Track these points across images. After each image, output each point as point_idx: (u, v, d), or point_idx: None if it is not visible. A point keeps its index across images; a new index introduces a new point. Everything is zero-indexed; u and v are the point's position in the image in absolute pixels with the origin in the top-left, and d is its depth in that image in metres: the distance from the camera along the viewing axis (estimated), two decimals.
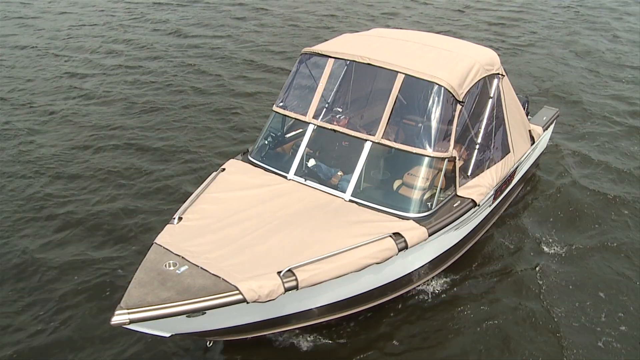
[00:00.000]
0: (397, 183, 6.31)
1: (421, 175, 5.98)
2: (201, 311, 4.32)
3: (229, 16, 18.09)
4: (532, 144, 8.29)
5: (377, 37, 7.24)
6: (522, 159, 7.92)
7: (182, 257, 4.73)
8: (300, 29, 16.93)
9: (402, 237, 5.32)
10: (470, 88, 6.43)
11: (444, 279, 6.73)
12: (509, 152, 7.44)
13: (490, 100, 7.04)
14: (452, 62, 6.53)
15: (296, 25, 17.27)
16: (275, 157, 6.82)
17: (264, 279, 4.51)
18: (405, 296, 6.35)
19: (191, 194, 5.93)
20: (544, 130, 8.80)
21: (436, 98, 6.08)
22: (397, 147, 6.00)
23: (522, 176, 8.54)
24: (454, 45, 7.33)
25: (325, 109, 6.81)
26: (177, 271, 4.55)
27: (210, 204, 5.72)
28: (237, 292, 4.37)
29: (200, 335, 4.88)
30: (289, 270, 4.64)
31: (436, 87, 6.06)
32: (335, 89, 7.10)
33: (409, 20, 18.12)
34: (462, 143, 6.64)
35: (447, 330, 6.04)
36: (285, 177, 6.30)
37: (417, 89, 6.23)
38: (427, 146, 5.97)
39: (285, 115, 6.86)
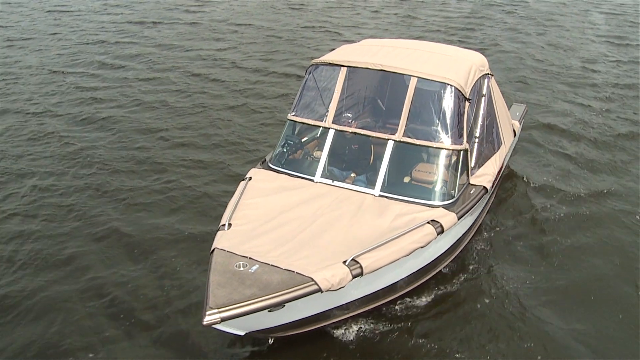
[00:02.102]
0: (407, 178, 6.63)
1: (442, 168, 6.34)
2: (282, 304, 4.45)
3: (211, 36, 18.26)
4: (514, 137, 8.87)
5: (378, 47, 7.57)
6: (509, 150, 8.46)
7: (250, 258, 4.85)
8: (281, 41, 17.39)
9: (438, 222, 5.63)
10: (472, 87, 6.87)
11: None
12: (502, 144, 7.94)
13: (484, 98, 7.50)
14: (454, 64, 6.96)
15: (275, 39, 17.70)
16: (295, 163, 6.99)
17: (333, 269, 4.70)
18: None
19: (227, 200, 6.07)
20: (519, 125, 9.43)
21: (449, 97, 6.47)
22: (418, 143, 6.34)
23: (506, 166, 9.09)
24: (447, 50, 7.79)
25: (340, 115, 7.06)
26: (249, 270, 4.66)
27: (251, 209, 5.84)
28: (313, 282, 4.54)
29: (271, 331, 4.99)
30: (353, 259, 4.85)
31: (448, 87, 6.45)
32: (347, 95, 7.35)
33: (374, 30, 18.77)
34: (468, 137, 7.05)
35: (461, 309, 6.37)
36: (312, 180, 6.48)
37: (429, 90, 6.60)
38: (445, 140, 6.35)
39: (304, 123, 7.06)
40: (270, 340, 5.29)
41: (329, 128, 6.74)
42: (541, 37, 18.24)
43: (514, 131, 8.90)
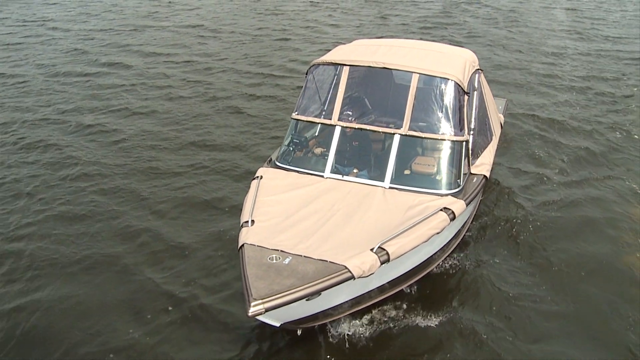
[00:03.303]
0: (413, 169, 6.74)
1: (447, 158, 6.52)
2: (319, 292, 4.55)
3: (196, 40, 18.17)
4: (501, 129, 9.17)
5: (375, 46, 7.70)
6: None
7: (281, 251, 4.92)
8: (264, 44, 17.46)
9: (450, 209, 5.81)
10: (468, 81, 7.09)
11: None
12: (493, 135, 8.19)
13: (476, 92, 7.73)
14: (449, 60, 7.16)
15: (258, 42, 17.74)
16: (302, 160, 7.01)
17: (363, 257, 4.82)
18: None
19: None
20: (503, 117, 9.76)
21: (450, 91, 6.66)
22: (423, 136, 6.51)
23: None
24: (440, 47, 7.99)
25: (345, 112, 7.15)
26: (283, 262, 4.74)
27: (270, 206, 5.89)
28: (346, 270, 4.65)
29: (302, 322, 5.05)
30: (379, 246, 4.98)
31: (449, 82, 6.65)
32: (351, 93, 7.46)
33: (352, 30, 18.97)
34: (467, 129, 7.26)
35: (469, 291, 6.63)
36: (322, 176, 6.56)
37: (430, 85, 6.77)
38: (449, 132, 6.54)
39: (310, 122, 7.15)
40: (298, 332, 5.35)
41: (335, 125, 6.83)
42: (509, 33, 18.74)
43: (500, 123, 9.20)
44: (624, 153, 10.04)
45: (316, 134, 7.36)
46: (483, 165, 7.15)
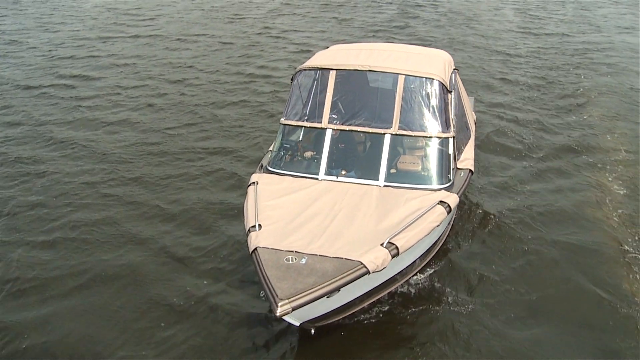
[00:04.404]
0: (404, 166, 6.89)
1: (437, 155, 6.75)
2: (339, 289, 4.66)
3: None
4: (475, 125, 9.55)
5: (356, 50, 7.88)
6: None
7: (295, 251, 5.00)
8: (233, 51, 17.39)
9: (446, 203, 6.04)
10: (449, 80, 7.37)
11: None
12: (471, 131, 8.53)
13: (454, 91, 8.02)
14: (431, 61, 7.43)
15: (227, 49, 17.69)
16: (294, 164, 7.05)
17: (375, 252, 4.96)
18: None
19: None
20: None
21: (435, 90, 6.91)
22: (413, 134, 6.73)
23: None
24: (418, 49, 8.28)
25: (331, 115, 7.25)
26: (300, 262, 4.82)
27: (272, 210, 5.93)
28: (362, 265, 4.78)
29: (318, 320, 5.14)
30: (389, 241, 5.13)
31: (434, 81, 6.90)
32: (338, 97, 7.58)
33: (319, 35, 19.01)
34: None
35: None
36: (317, 179, 6.64)
37: (416, 86, 6.98)
38: (437, 130, 6.78)
39: (300, 126, 7.23)
40: (312, 331, 5.42)
41: (325, 129, 6.95)
42: (465, 33, 19.38)
43: (474, 120, 9.58)
44: (584, 133, 10.78)
45: (300, 139, 7.39)
46: (467, 160, 7.44)
